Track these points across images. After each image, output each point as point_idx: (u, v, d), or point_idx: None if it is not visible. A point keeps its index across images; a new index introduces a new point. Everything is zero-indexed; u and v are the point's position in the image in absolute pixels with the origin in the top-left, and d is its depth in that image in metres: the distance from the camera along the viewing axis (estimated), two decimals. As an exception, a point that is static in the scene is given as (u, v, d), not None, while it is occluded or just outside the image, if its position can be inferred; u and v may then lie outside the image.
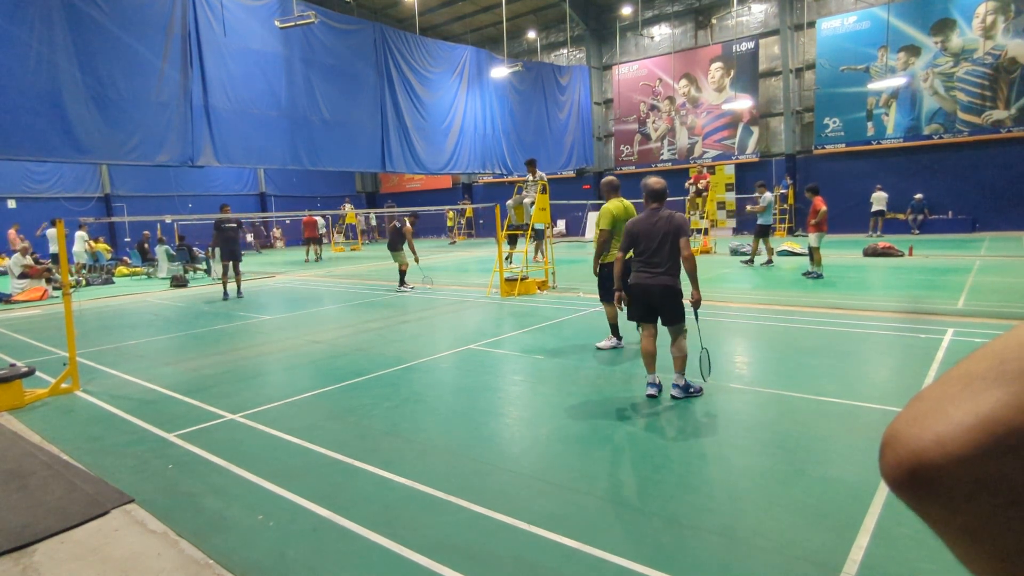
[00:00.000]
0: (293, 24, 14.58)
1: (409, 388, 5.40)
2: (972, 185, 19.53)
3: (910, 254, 13.69)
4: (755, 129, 23.42)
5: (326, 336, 7.89)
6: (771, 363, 5.81)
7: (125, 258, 19.86)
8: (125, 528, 3.15)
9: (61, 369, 5.76)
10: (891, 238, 16.66)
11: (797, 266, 12.87)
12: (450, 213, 29.88)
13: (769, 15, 22.84)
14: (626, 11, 25.70)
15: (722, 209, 24.43)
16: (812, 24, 21.88)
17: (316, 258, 20.76)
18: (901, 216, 20.49)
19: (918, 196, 20.02)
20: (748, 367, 5.72)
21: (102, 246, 18.91)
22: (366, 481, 3.57)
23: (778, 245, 16.10)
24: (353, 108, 17.19)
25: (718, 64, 23.90)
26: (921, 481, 0.39)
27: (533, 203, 11.02)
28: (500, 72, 21.47)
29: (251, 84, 14.88)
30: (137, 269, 18.31)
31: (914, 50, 19.83)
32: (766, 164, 23.44)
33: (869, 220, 19.73)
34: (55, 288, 13.53)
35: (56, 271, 14.04)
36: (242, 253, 12.20)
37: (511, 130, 22.76)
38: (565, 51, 28.11)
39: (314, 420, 4.66)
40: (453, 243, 28.47)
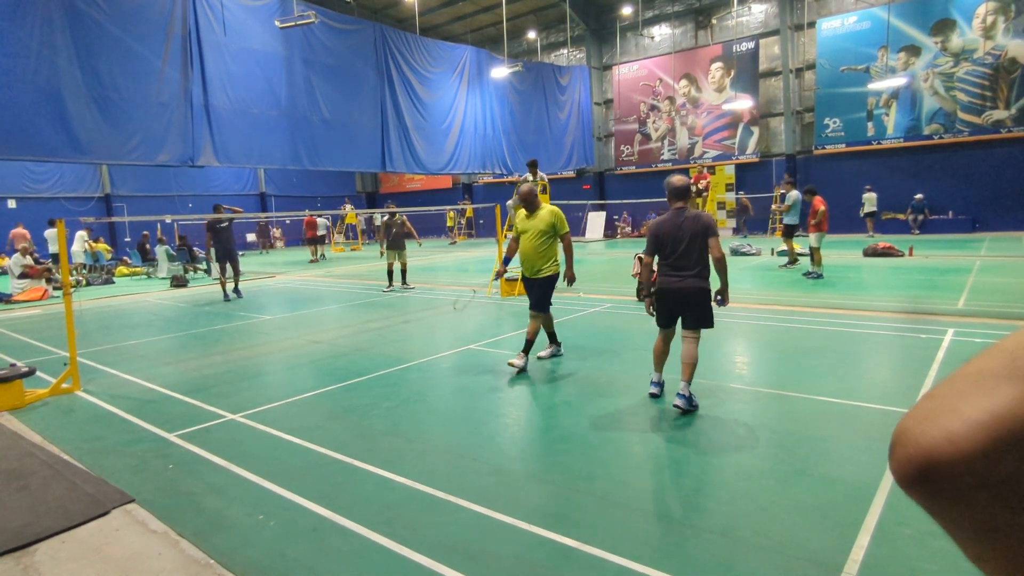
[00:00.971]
0: (293, 24, 14.58)
1: (409, 388, 5.40)
2: (972, 185, 19.53)
3: (910, 254, 13.68)
4: (755, 129, 23.42)
5: (326, 336, 7.89)
6: (771, 363, 5.81)
7: (125, 258, 19.86)
8: (126, 528, 3.15)
9: (61, 369, 5.76)
10: (891, 238, 16.66)
11: (797, 266, 12.87)
12: (450, 213, 29.87)
13: (769, 15, 22.84)
14: (626, 11, 25.71)
15: (722, 209, 24.43)
16: (812, 24, 21.88)
17: (320, 257, 20.78)
18: (901, 216, 20.49)
19: (918, 196, 20.01)
20: (748, 367, 5.72)
21: (102, 246, 18.91)
22: (366, 481, 3.57)
23: (779, 245, 16.11)
24: (353, 108, 17.19)
25: (718, 64, 23.90)
26: (932, 478, 0.38)
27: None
28: (500, 72, 21.47)
29: (251, 84, 14.88)
30: (137, 269, 18.31)
31: (914, 50, 19.83)
32: (766, 164, 23.44)
33: (866, 221, 19.74)
34: (55, 288, 13.53)
35: (56, 271, 14.04)
36: (238, 252, 12.22)
37: (511, 130, 22.76)
38: (565, 51, 28.11)
39: (314, 420, 4.66)
40: (453, 243, 28.47)
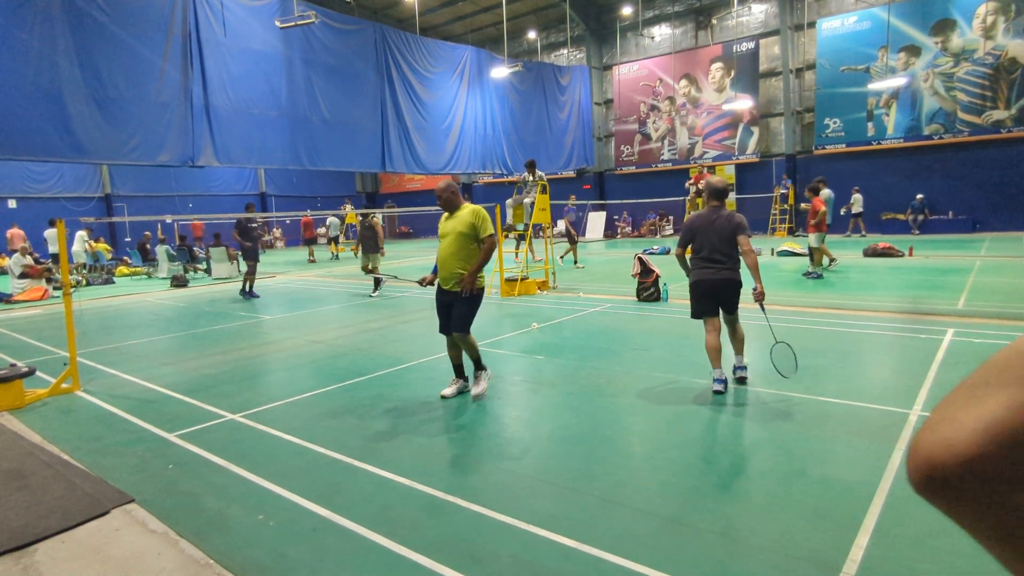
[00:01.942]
0: (293, 24, 14.59)
1: (409, 388, 5.41)
2: (972, 185, 19.53)
3: (910, 254, 13.68)
4: (755, 129, 23.42)
5: (326, 336, 7.90)
6: (771, 363, 5.79)
7: (125, 258, 19.86)
8: (125, 528, 3.15)
9: (61, 369, 5.76)
10: (891, 238, 16.65)
11: (797, 266, 12.86)
12: (450, 213, 29.82)
13: (769, 15, 22.84)
14: (626, 11, 25.71)
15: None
16: (812, 24, 21.88)
17: (313, 258, 20.74)
18: (901, 216, 20.50)
19: (918, 196, 20.02)
20: (748, 367, 5.71)
21: (102, 246, 18.92)
22: (366, 481, 3.57)
23: (779, 245, 16.11)
24: (353, 108, 17.20)
25: (718, 64, 23.90)
26: (935, 483, 0.41)
27: (533, 203, 11.03)
28: (500, 72, 21.47)
29: (251, 84, 14.88)
30: (137, 269, 18.31)
31: (914, 50, 19.83)
32: (766, 164, 23.44)
33: (856, 222, 19.77)
34: (55, 288, 13.53)
35: (56, 271, 14.04)
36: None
37: (511, 130, 22.76)
38: (565, 51, 28.11)
39: (314, 420, 4.66)
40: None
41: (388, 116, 18.04)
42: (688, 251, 5.05)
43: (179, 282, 14.69)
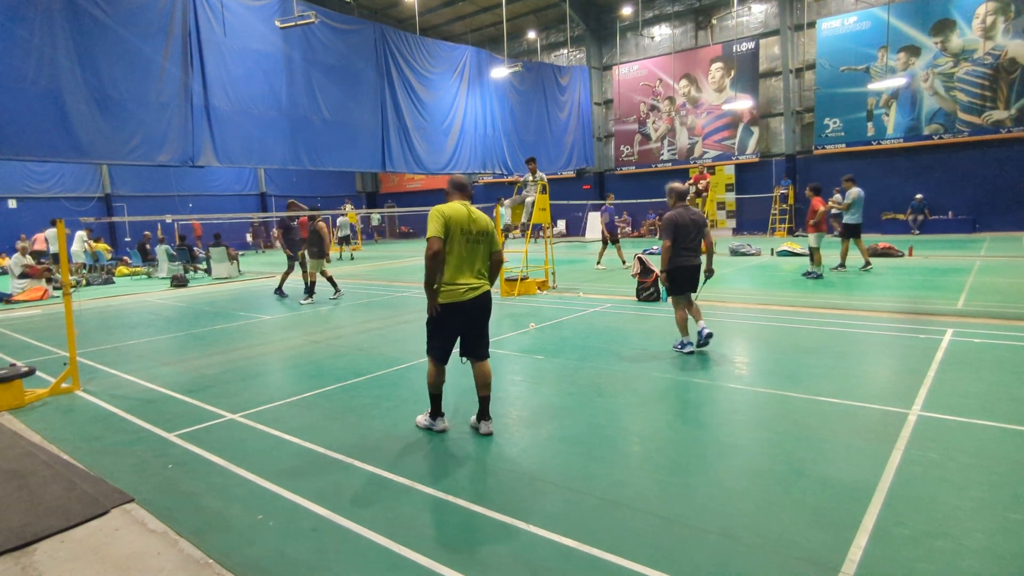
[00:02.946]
0: (293, 24, 14.59)
1: (409, 388, 5.40)
2: (972, 185, 19.53)
3: (910, 254, 13.69)
4: (755, 129, 23.43)
5: (326, 336, 7.90)
6: (771, 363, 5.80)
7: (125, 258, 19.87)
8: (125, 527, 3.16)
9: (61, 369, 5.76)
10: (891, 238, 16.66)
11: (797, 266, 12.87)
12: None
13: (769, 15, 22.84)
14: (626, 11, 25.71)
15: (722, 209, 24.44)
16: (812, 24, 21.89)
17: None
18: (901, 216, 20.50)
19: (918, 196, 20.03)
20: (748, 367, 5.72)
21: (102, 246, 18.92)
22: (366, 481, 3.57)
23: (779, 245, 16.11)
24: (353, 108, 17.20)
25: (718, 64, 23.90)
26: None
27: (534, 202, 11.03)
28: (500, 72, 21.47)
29: (251, 84, 14.88)
30: (137, 269, 18.31)
31: (914, 50, 19.83)
32: (766, 164, 23.44)
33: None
34: (55, 288, 13.54)
35: (56, 271, 14.04)
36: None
37: (511, 130, 22.77)
38: (565, 51, 28.11)
39: (314, 420, 4.66)
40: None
41: (388, 116, 18.04)
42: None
43: (179, 282, 14.69)
